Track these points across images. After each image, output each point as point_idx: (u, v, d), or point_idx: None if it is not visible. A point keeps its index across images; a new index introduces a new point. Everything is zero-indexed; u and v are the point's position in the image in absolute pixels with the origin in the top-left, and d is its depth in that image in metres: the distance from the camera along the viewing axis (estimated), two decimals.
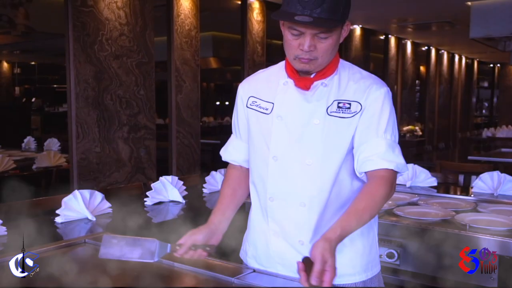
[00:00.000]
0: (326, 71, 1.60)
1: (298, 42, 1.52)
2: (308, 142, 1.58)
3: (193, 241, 1.57)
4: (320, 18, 1.44)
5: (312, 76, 1.60)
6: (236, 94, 1.80)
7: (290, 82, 1.63)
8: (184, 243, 1.56)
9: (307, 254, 1.61)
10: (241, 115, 1.77)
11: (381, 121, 1.57)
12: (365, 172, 1.55)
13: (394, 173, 1.54)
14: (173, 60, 5.35)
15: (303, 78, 1.61)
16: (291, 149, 1.60)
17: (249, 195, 1.77)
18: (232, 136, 1.84)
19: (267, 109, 1.66)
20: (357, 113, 1.57)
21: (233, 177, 1.83)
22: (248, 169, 1.79)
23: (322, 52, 1.53)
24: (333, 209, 1.60)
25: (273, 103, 1.65)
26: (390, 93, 1.65)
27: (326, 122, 1.57)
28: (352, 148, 1.59)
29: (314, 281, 1.31)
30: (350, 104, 1.58)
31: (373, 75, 1.68)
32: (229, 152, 1.83)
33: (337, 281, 1.58)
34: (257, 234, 1.72)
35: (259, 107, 1.69)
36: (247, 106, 1.73)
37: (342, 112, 1.57)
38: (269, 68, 1.78)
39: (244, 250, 1.81)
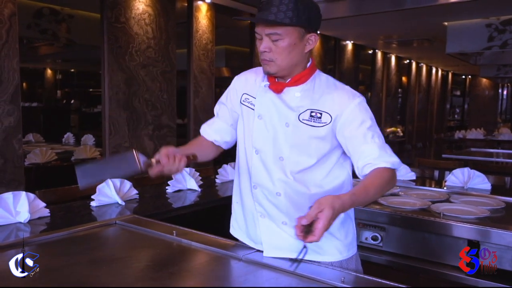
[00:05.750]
0: (299, 78, 1.54)
1: (260, 46, 1.50)
2: (281, 141, 1.54)
3: (168, 151, 1.49)
4: (266, 19, 1.44)
5: (286, 81, 1.55)
6: (232, 84, 1.74)
7: (268, 84, 1.59)
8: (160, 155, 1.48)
9: (292, 233, 1.52)
10: (233, 103, 1.71)
11: (365, 129, 1.49)
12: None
13: (392, 170, 1.48)
14: (192, 69, 5.36)
15: (277, 83, 1.56)
16: (268, 144, 1.56)
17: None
18: (216, 119, 1.78)
19: (254, 105, 1.61)
20: (327, 124, 1.51)
21: (204, 141, 1.77)
22: (217, 146, 1.76)
23: (277, 54, 1.48)
24: (303, 199, 1.54)
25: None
26: (365, 101, 1.56)
27: (296, 127, 1.52)
28: (326, 154, 1.55)
29: (303, 221, 1.23)
30: (321, 114, 1.51)
31: (346, 87, 1.58)
32: (211, 132, 1.77)
33: (319, 258, 1.57)
34: (247, 212, 1.66)
35: (250, 103, 1.62)
36: (241, 102, 1.67)
37: (313, 121, 1.51)
38: (259, 68, 1.70)
39: (233, 226, 1.76)
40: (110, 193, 2.46)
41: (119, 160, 1.49)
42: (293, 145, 1.53)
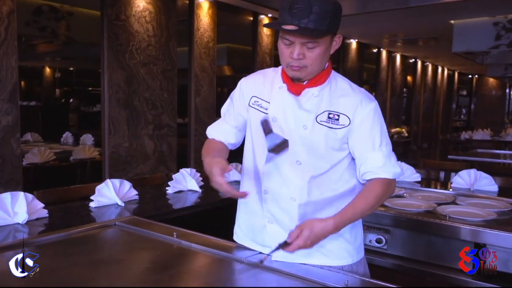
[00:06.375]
0: (317, 79, 1.54)
1: (289, 51, 1.47)
2: (298, 144, 1.52)
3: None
4: (306, 28, 1.40)
5: (304, 83, 1.54)
6: (238, 86, 1.72)
7: (285, 86, 1.57)
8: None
9: None
10: (238, 105, 1.68)
11: (375, 135, 1.52)
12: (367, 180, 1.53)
13: (390, 180, 1.52)
14: (193, 67, 5.36)
15: (295, 84, 1.55)
16: None
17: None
18: (221, 120, 1.75)
19: (266, 109, 1.59)
20: (345, 127, 1.51)
21: (218, 143, 1.71)
22: (227, 147, 1.71)
23: (311, 60, 1.47)
24: (316, 203, 1.55)
25: (269, 103, 1.59)
26: (378, 106, 1.57)
27: (314, 129, 1.51)
28: (342, 158, 1.55)
29: (287, 239, 1.40)
30: (339, 116, 1.52)
31: (362, 89, 1.59)
32: (216, 133, 1.72)
33: (328, 263, 1.56)
34: (254, 218, 1.65)
35: (260, 106, 1.61)
36: (249, 105, 1.64)
37: (331, 123, 1.51)
38: (266, 70, 1.71)
39: (236, 233, 1.74)
40: (110, 193, 2.46)
41: None
42: (310, 148, 1.52)
